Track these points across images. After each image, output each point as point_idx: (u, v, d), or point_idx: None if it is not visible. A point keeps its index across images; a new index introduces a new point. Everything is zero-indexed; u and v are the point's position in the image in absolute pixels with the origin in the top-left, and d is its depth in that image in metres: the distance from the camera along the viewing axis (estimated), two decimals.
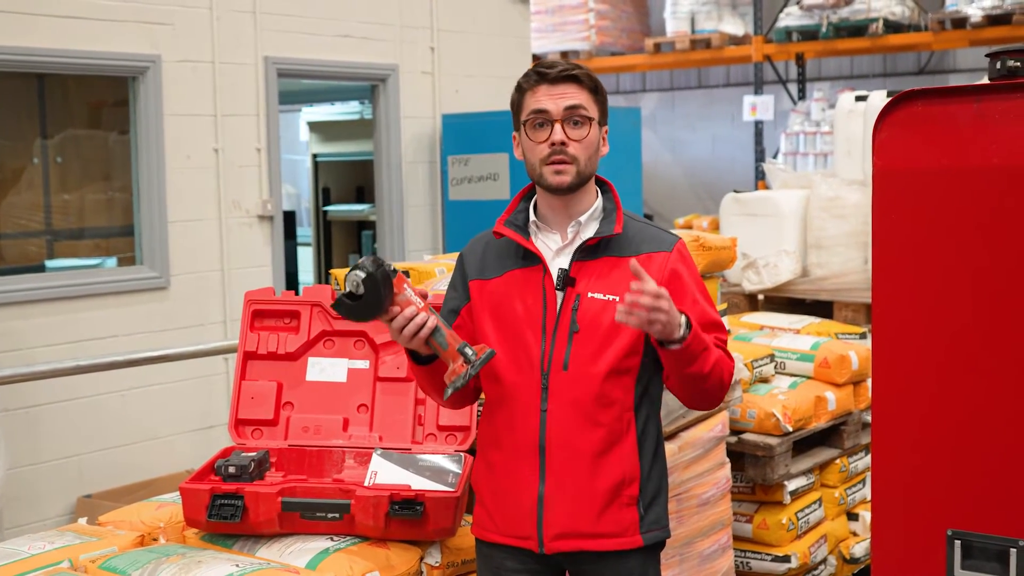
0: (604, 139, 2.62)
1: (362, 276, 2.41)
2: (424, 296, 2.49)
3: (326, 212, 9.88)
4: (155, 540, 2.92)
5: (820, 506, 4.61)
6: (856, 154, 6.22)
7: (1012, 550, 2.21)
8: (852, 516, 4.84)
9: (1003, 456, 2.23)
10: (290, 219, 9.60)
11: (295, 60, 6.85)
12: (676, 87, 13.50)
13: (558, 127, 2.53)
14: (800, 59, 11.39)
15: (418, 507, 2.75)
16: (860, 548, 4.74)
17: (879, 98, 6.12)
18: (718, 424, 3.95)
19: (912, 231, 2.32)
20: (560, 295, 2.56)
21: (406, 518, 2.75)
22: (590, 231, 2.60)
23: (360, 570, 2.66)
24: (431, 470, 2.88)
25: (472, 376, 2.46)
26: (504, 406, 2.59)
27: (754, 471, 4.33)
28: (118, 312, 5.96)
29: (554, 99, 2.53)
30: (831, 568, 4.66)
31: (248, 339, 3.23)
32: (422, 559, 2.83)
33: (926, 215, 2.31)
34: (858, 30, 10.47)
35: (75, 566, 2.68)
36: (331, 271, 3.71)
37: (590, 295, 2.54)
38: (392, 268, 2.44)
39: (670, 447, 3.61)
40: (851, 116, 6.32)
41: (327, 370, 3.22)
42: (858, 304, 5.80)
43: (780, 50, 11.14)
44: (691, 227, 10.20)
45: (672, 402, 3.43)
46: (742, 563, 4.39)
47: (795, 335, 5.05)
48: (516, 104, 2.60)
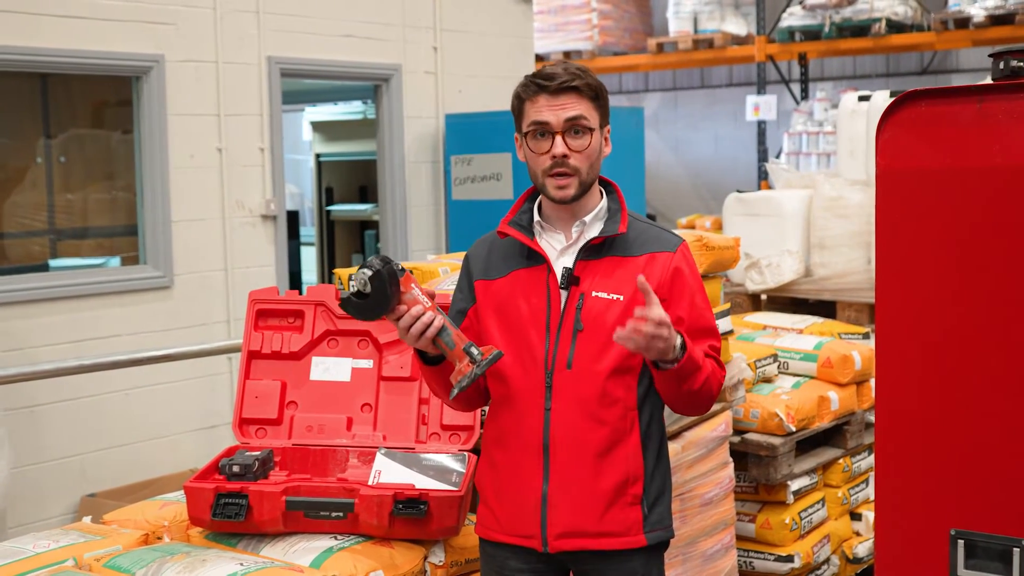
0: (607, 139, 2.62)
1: (369, 274, 2.41)
2: (431, 296, 2.49)
3: (329, 212, 9.89)
4: (159, 539, 2.93)
5: (823, 506, 4.61)
6: (859, 154, 6.21)
7: (1015, 550, 2.21)
8: (855, 516, 4.84)
9: (1006, 456, 2.23)
10: (293, 219, 9.59)
11: (298, 60, 6.85)
12: (679, 87, 13.50)
13: (559, 139, 2.52)
14: (803, 59, 11.39)
15: (422, 506, 2.75)
16: (863, 548, 4.74)
17: (882, 98, 6.11)
18: (721, 424, 3.96)
19: (915, 231, 2.32)
20: (564, 294, 2.56)
21: (410, 517, 2.75)
22: (594, 231, 2.60)
23: (364, 569, 2.66)
24: (435, 469, 2.88)
25: (478, 376, 2.46)
26: (508, 405, 2.60)
27: (757, 471, 4.33)
28: (122, 311, 5.97)
29: (554, 110, 2.52)
30: (834, 568, 4.66)
31: (252, 338, 3.24)
32: (426, 558, 2.83)
33: (929, 215, 2.31)
34: (861, 30, 10.47)
35: (79, 564, 2.68)
36: (335, 271, 3.71)
37: (594, 294, 2.55)
38: (399, 267, 2.44)
39: (673, 447, 3.61)
40: (854, 116, 6.32)
41: (331, 369, 3.22)
42: (861, 304, 5.80)
43: (783, 50, 11.14)
44: (694, 227, 10.19)
45: None
46: (745, 563, 4.39)
47: (798, 335, 5.05)
48: (516, 110, 2.60)
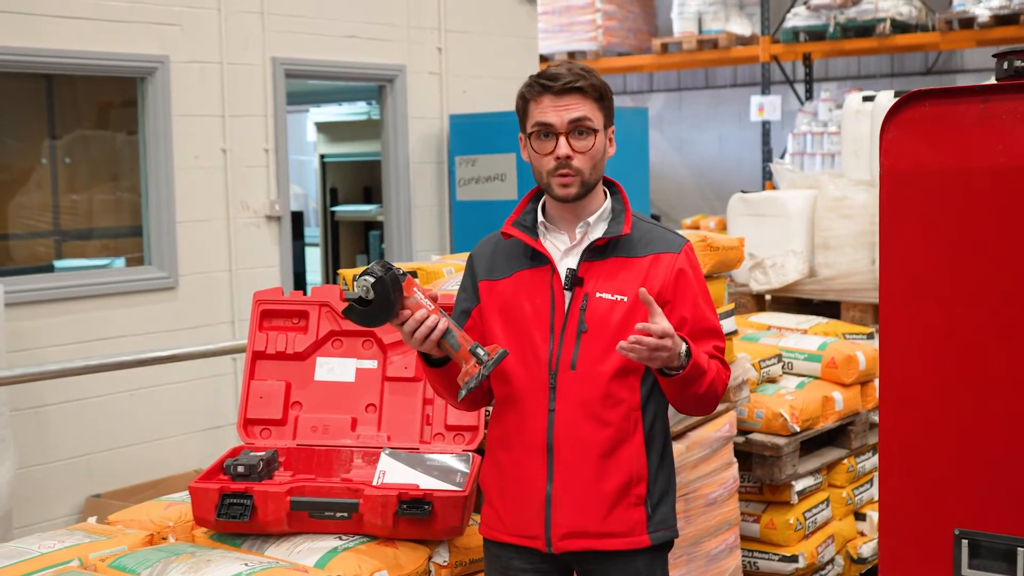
0: (611, 139, 2.61)
1: (371, 281, 2.40)
2: (434, 299, 2.49)
3: (334, 212, 9.89)
4: (164, 539, 2.93)
5: (827, 506, 4.61)
6: (863, 154, 6.21)
7: (1020, 549, 2.21)
8: (859, 516, 4.84)
9: (1010, 456, 2.23)
10: (298, 219, 9.63)
11: (303, 61, 6.86)
12: (683, 87, 13.50)
13: (563, 141, 2.52)
14: (807, 59, 11.39)
15: (426, 506, 2.75)
16: (868, 548, 4.74)
17: (886, 98, 6.10)
18: (725, 424, 3.96)
19: (919, 231, 2.32)
20: (568, 295, 2.56)
21: (414, 517, 2.76)
22: (598, 232, 2.60)
23: (368, 569, 2.67)
24: (439, 469, 2.88)
25: (485, 377, 2.47)
26: (512, 406, 2.60)
27: (761, 471, 4.33)
28: (127, 312, 5.98)
29: (558, 112, 2.52)
30: (838, 568, 4.66)
31: (257, 339, 3.24)
32: (430, 558, 2.83)
33: (933, 215, 2.31)
34: (865, 30, 10.47)
35: (85, 565, 2.69)
36: (339, 271, 3.72)
37: (598, 295, 2.55)
38: (401, 272, 2.44)
39: (677, 447, 3.61)
40: (858, 116, 6.31)
41: (335, 370, 3.23)
42: (865, 304, 5.80)
43: (787, 50, 11.14)
44: (698, 227, 10.20)
45: None
46: (749, 563, 4.39)
47: (802, 335, 5.05)
48: (520, 111, 2.60)
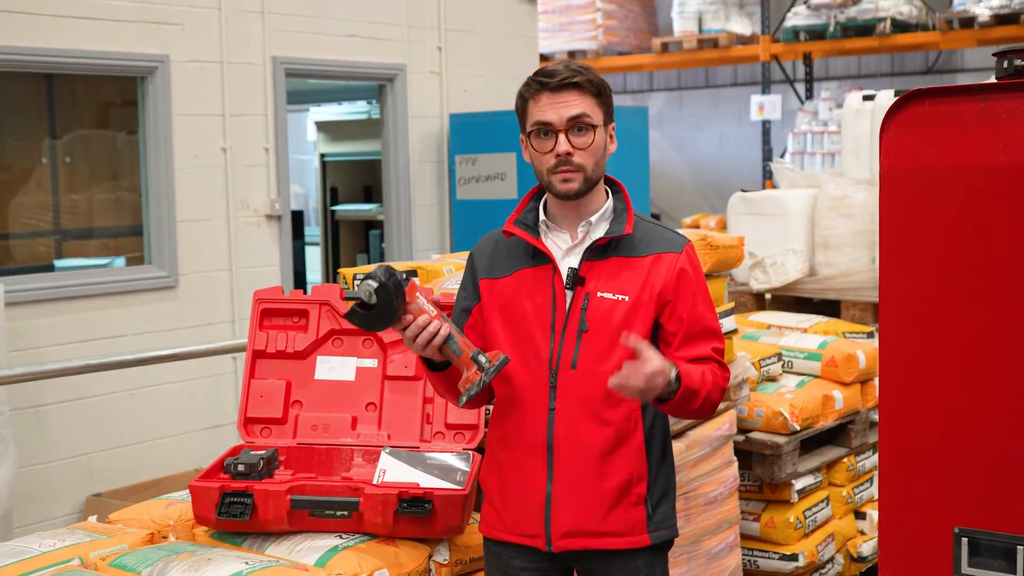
0: (611, 136, 2.61)
1: (374, 286, 2.39)
2: (436, 303, 2.49)
3: (334, 212, 9.90)
4: (165, 538, 2.94)
5: (827, 505, 4.61)
6: (863, 153, 6.21)
7: (1019, 548, 2.21)
8: (859, 515, 4.84)
9: (1010, 454, 2.23)
10: (298, 219, 9.62)
11: (303, 60, 6.86)
12: (683, 87, 13.50)
13: (562, 138, 2.52)
14: (807, 59, 11.39)
15: (426, 505, 2.76)
16: (867, 547, 4.74)
17: (886, 97, 6.10)
18: (725, 423, 3.96)
19: (919, 230, 2.32)
20: (569, 294, 2.56)
21: (415, 516, 2.76)
22: (600, 231, 2.60)
23: (369, 568, 2.67)
24: (439, 468, 2.88)
25: (486, 384, 2.47)
26: (513, 404, 2.60)
27: (761, 470, 4.34)
28: (127, 311, 5.98)
29: (556, 109, 2.52)
30: (838, 567, 4.66)
31: (257, 338, 3.24)
32: (430, 557, 2.83)
33: (933, 214, 2.31)
34: (866, 29, 10.47)
35: (85, 564, 2.69)
36: (339, 270, 3.72)
37: (599, 294, 2.55)
38: (404, 276, 2.43)
39: (677, 445, 3.61)
40: (858, 115, 6.32)
41: (336, 369, 3.23)
42: (865, 303, 5.80)
43: (787, 49, 11.14)
44: (698, 226, 10.20)
45: None
46: (749, 561, 4.39)
47: (802, 334, 5.05)
48: (520, 111, 2.60)
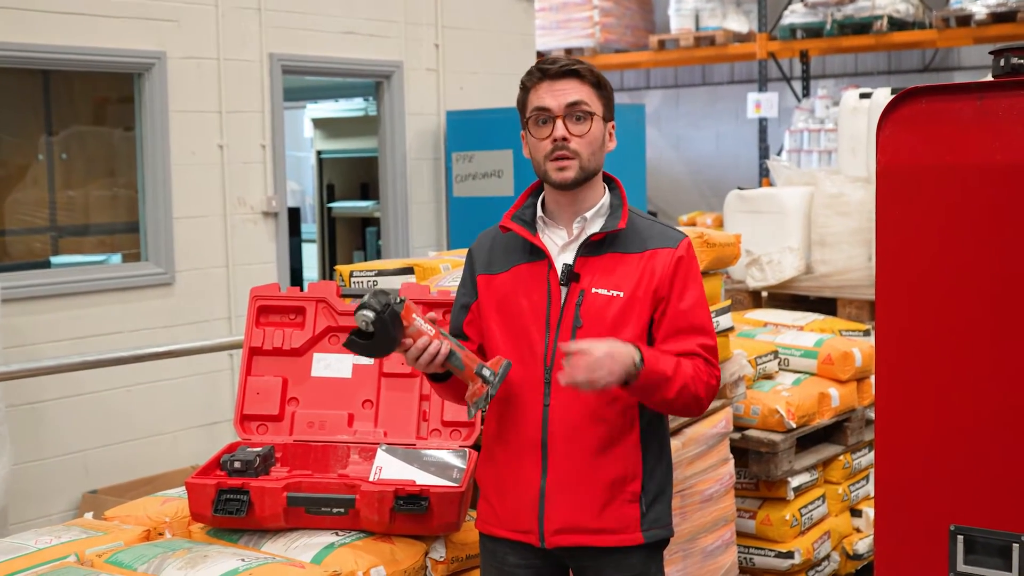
0: (611, 134, 2.62)
1: (371, 317, 2.38)
2: (433, 321, 2.48)
3: (330, 209, 9.89)
4: (161, 535, 2.93)
5: (823, 502, 4.61)
6: (860, 151, 6.22)
7: (1015, 545, 2.22)
8: (855, 512, 4.84)
9: (1006, 452, 2.24)
10: (295, 216, 9.61)
11: (300, 57, 6.85)
12: (680, 84, 13.49)
13: (559, 123, 2.53)
14: (804, 56, 11.39)
15: (423, 502, 2.76)
16: (863, 544, 4.74)
17: (883, 95, 6.10)
18: (722, 420, 3.96)
19: (915, 228, 2.33)
20: (564, 290, 2.56)
21: (411, 513, 2.76)
22: (595, 227, 2.60)
23: (365, 565, 2.67)
24: (436, 465, 2.88)
25: (492, 396, 2.47)
26: (508, 401, 2.60)
27: (758, 467, 4.34)
28: (123, 308, 5.97)
29: (555, 95, 2.53)
30: (834, 564, 4.67)
31: (254, 335, 3.24)
32: (427, 554, 2.83)
33: (929, 212, 2.31)
34: (862, 27, 10.47)
35: (81, 560, 2.69)
36: (336, 267, 3.72)
37: (594, 291, 2.55)
38: (399, 301, 2.42)
39: (674, 443, 3.61)
40: (855, 113, 6.32)
41: (332, 366, 3.23)
42: (862, 301, 5.80)
43: (784, 47, 11.14)
44: (695, 224, 10.20)
45: None
46: (745, 559, 4.40)
47: (799, 332, 5.06)
48: (521, 103, 2.61)
